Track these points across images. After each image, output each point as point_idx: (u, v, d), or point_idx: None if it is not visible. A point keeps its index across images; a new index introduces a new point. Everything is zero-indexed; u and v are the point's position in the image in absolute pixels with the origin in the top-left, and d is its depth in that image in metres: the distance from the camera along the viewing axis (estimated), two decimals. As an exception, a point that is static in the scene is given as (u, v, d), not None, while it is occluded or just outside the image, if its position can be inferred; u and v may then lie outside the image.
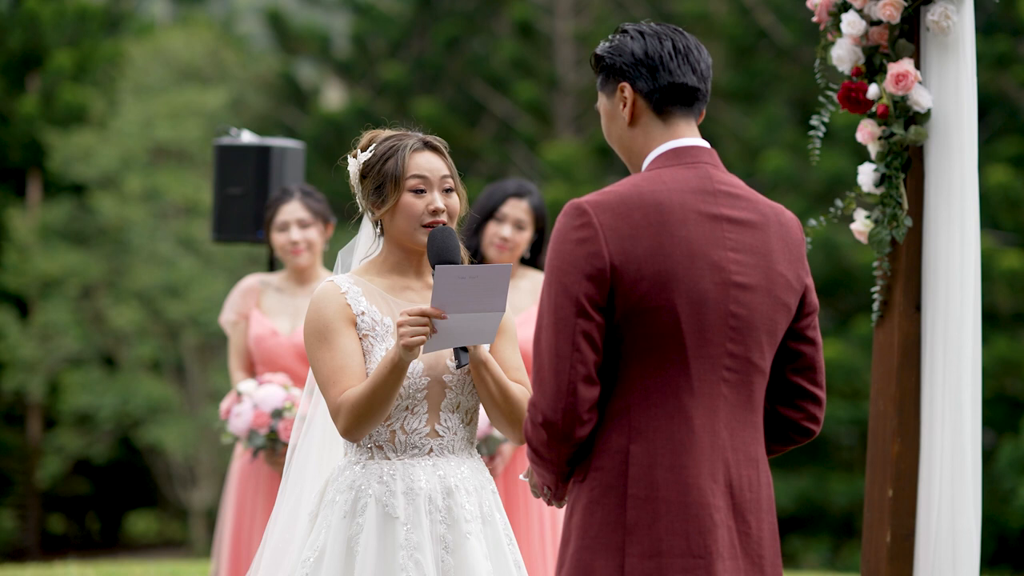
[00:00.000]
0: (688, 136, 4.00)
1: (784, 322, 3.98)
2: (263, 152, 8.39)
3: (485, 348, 4.67)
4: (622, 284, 3.82)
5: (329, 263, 7.64)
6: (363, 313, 4.67)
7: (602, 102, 4.08)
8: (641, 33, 4.00)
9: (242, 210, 8.37)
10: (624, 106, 4.02)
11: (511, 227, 7.18)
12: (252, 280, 7.60)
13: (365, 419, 4.56)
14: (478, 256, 7.17)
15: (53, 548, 24.18)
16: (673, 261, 3.84)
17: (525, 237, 7.21)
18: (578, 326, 3.83)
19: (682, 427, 3.86)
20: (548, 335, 3.86)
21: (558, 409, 3.85)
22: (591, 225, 3.84)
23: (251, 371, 7.52)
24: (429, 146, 4.78)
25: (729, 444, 3.90)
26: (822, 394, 4.09)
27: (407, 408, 4.66)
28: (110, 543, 26.23)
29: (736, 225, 3.92)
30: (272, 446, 7.16)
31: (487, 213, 7.18)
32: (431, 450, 4.69)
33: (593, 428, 3.89)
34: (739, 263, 3.90)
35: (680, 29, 4.03)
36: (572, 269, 3.83)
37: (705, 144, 4.01)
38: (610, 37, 4.05)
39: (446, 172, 4.75)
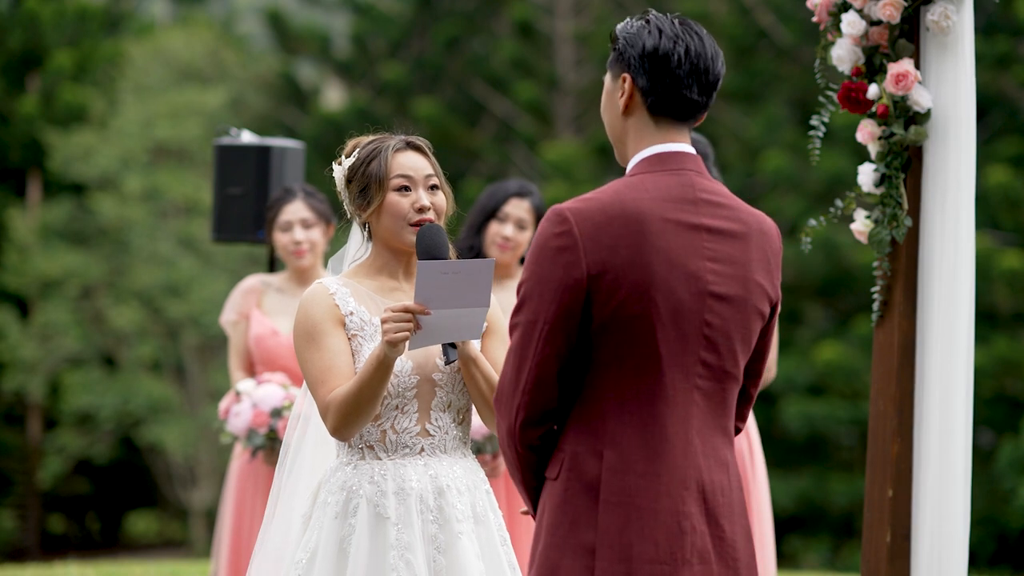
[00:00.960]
0: (677, 141, 4.00)
1: (758, 328, 4.01)
2: (263, 152, 8.39)
3: (475, 345, 4.69)
4: (599, 294, 3.85)
5: (329, 264, 7.64)
6: (351, 313, 4.69)
7: (607, 79, 4.08)
8: (660, 30, 3.97)
9: (242, 210, 8.37)
10: (622, 95, 4.02)
11: (513, 226, 7.19)
12: (253, 280, 7.60)
13: (353, 417, 4.57)
14: (480, 256, 7.17)
15: (53, 548, 24.18)
16: (651, 271, 3.86)
17: (526, 237, 7.22)
18: (547, 332, 3.86)
19: (656, 435, 3.89)
20: (516, 335, 3.91)
21: (513, 406, 3.91)
22: (571, 234, 3.86)
23: (251, 371, 7.52)
24: (411, 146, 4.81)
25: (701, 451, 3.93)
26: (756, 393, 4.15)
27: (397, 407, 4.67)
28: (110, 543, 26.22)
29: (716, 235, 3.94)
30: (271, 445, 7.15)
31: (489, 213, 7.19)
32: (422, 450, 4.70)
33: (550, 432, 3.94)
34: (717, 273, 3.92)
35: (701, 33, 3.99)
36: (549, 276, 3.87)
37: (691, 150, 4.01)
38: (635, 19, 4.02)
39: (430, 171, 4.78)
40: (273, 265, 8.26)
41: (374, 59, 25.99)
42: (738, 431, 4.14)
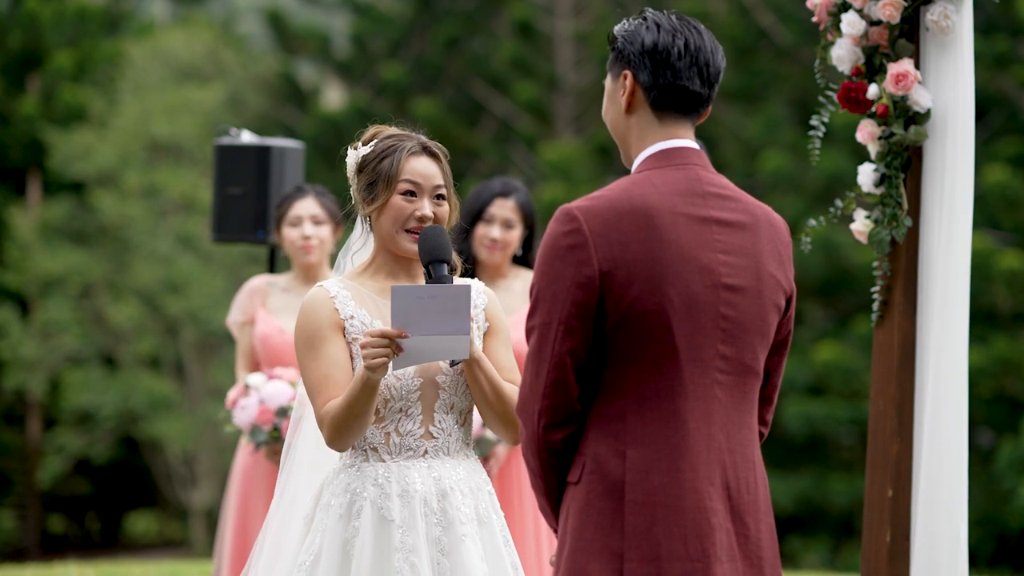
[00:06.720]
0: (681, 137, 3.99)
1: (775, 322, 3.99)
2: (263, 152, 8.39)
3: (479, 346, 4.67)
4: (612, 291, 3.83)
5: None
6: (352, 317, 4.67)
7: (607, 81, 4.07)
8: (657, 25, 3.97)
9: (242, 210, 8.37)
10: (623, 93, 4.01)
11: (499, 227, 7.15)
12: (258, 281, 7.60)
13: (345, 432, 4.57)
14: (469, 260, 7.13)
15: (53, 548, 24.18)
16: (663, 265, 3.84)
17: (515, 236, 7.17)
18: (562, 332, 3.84)
19: (678, 431, 3.86)
20: (533, 339, 3.89)
21: (535, 411, 3.88)
22: (581, 232, 3.84)
23: (256, 372, 7.50)
24: (427, 151, 4.76)
25: (726, 447, 3.90)
26: (775, 396, 4.11)
27: (401, 410, 4.65)
28: (110, 543, 26.22)
29: (725, 227, 3.92)
30: (275, 443, 7.14)
31: (475, 215, 7.14)
32: (426, 452, 4.68)
33: (573, 434, 3.90)
34: (729, 265, 3.90)
35: (699, 27, 4.00)
36: (561, 276, 3.84)
37: (695, 145, 4.00)
38: (632, 18, 4.03)
39: (440, 181, 4.74)
40: (274, 265, 8.26)
41: (374, 59, 25.99)
42: (762, 436, 4.09)
